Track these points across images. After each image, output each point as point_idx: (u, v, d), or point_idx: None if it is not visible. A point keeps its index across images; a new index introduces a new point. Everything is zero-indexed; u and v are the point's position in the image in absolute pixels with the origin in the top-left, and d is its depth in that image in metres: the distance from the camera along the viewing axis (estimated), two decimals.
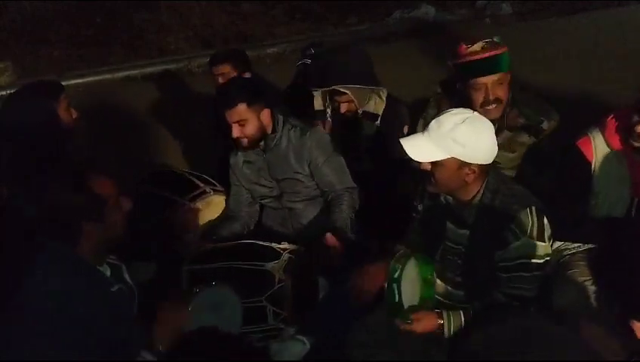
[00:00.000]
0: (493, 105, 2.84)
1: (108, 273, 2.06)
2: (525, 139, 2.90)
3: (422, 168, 2.26)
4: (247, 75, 3.70)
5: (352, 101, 3.29)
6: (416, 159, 2.24)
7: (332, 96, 3.35)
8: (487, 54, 2.82)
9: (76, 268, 1.93)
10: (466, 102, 2.88)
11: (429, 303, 2.32)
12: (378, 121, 3.40)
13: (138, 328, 2.11)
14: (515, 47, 3.04)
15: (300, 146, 3.02)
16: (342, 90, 3.25)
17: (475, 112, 2.25)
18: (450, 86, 3.11)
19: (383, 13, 7.32)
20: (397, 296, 2.33)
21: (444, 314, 2.28)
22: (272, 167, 3.07)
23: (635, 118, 2.43)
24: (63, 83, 5.28)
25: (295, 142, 3.03)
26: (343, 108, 3.33)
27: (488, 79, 2.82)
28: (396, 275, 2.35)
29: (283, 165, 3.05)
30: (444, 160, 2.20)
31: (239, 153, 3.14)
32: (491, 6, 7.25)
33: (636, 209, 2.55)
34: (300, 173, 3.05)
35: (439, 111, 3.11)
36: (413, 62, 5.58)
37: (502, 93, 2.85)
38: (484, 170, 2.26)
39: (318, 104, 3.50)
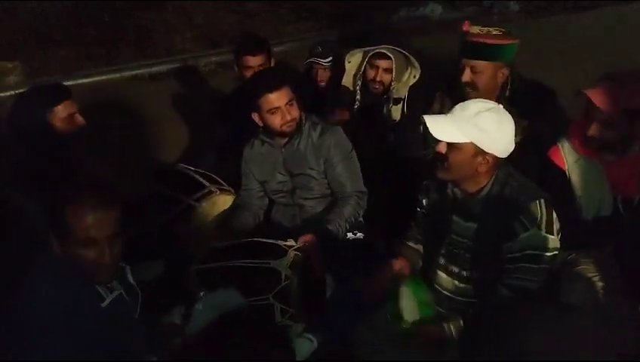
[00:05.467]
0: (468, 89, 2.99)
1: None
2: (526, 123, 2.91)
3: (437, 150, 2.26)
4: (273, 62, 3.73)
5: (391, 70, 3.32)
6: (436, 136, 2.24)
7: (372, 62, 3.40)
8: (475, 39, 2.97)
9: (69, 280, 1.90)
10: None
11: (429, 320, 2.36)
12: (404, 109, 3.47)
13: (139, 333, 2.11)
14: (521, 44, 3.05)
15: (320, 144, 3.04)
16: (388, 53, 3.32)
17: (500, 105, 2.26)
18: (452, 83, 3.14)
19: (390, 11, 7.31)
20: (398, 317, 2.37)
21: (446, 327, 2.30)
22: (287, 162, 3.08)
23: (586, 124, 2.52)
24: (71, 83, 5.36)
25: (315, 140, 3.05)
26: (379, 76, 3.37)
27: (468, 62, 2.98)
28: (395, 298, 2.39)
29: (299, 160, 3.06)
30: (461, 143, 2.21)
31: (255, 145, 3.16)
32: (499, 4, 7.22)
33: (622, 206, 2.56)
34: (315, 170, 3.06)
35: (442, 107, 3.20)
36: (419, 60, 5.55)
37: (478, 80, 2.98)
38: (497, 163, 2.27)
39: (347, 80, 3.53)
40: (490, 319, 1.97)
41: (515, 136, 2.29)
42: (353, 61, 3.52)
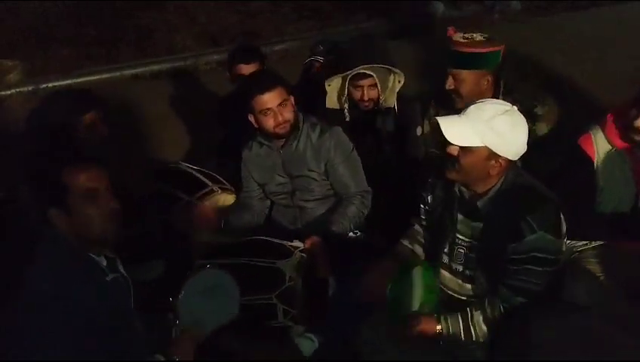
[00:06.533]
0: (453, 95, 3.01)
1: (104, 263, 2.08)
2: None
3: (448, 152, 2.24)
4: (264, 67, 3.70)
5: (376, 85, 3.28)
6: (450, 140, 2.21)
7: (354, 83, 3.32)
8: (456, 48, 2.98)
9: (71, 258, 1.97)
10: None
11: (428, 308, 2.34)
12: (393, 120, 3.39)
13: (137, 318, 2.14)
14: (522, 43, 3.06)
15: (319, 145, 3.01)
16: (368, 72, 3.25)
17: (515, 106, 2.24)
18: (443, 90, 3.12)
19: (391, 10, 7.30)
20: (399, 300, 2.34)
21: (442, 320, 2.29)
22: (286, 163, 3.06)
23: (634, 113, 2.45)
24: (71, 82, 5.35)
25: (314, 141, 3.02)
26: (366, 95, 3.31)
27: (452, 71, 3.00)
28: (402, 280, 2.36)
29: (298, 162, 3.04)
30: (475, 147, 2.18)
31: (253, 147, 3.14)
32: (500, 3, 7.22)
33: None
34: (315, 172, 3.04)
35: (437, 114, 3.18)
36: (421, 58, 5.55)
37: (461, 88, 2.99)
38: (509, 165, 2.25)
39: (331, 102, 3.48)
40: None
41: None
42: (333, 85, 3.45)
